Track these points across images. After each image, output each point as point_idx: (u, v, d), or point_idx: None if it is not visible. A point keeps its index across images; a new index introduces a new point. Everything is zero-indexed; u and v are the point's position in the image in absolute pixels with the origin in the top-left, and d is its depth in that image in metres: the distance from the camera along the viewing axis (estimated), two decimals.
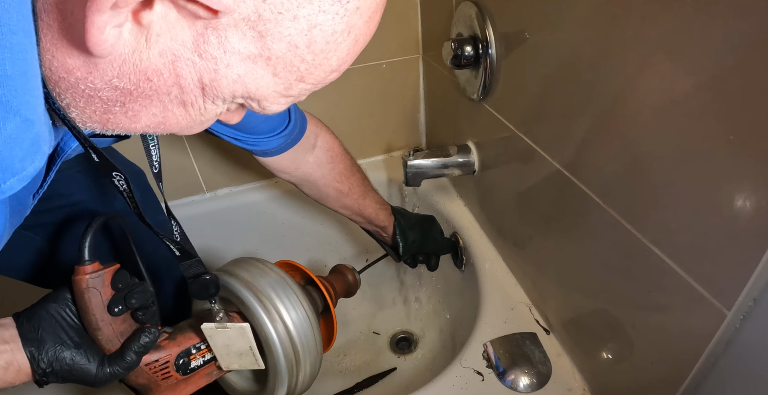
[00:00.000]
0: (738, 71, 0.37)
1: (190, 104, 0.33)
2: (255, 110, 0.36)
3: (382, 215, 0.88)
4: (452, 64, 0.78)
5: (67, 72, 0.29)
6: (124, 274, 0.51)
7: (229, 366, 0.60)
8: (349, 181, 0.82)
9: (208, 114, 0.35)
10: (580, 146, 0.58)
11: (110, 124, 0.33)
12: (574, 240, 0.65)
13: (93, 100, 0.31)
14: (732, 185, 0.39)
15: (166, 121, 0.34)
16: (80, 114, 0.32)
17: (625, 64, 0.48)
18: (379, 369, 1.08)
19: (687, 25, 0.40)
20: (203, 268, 0.53)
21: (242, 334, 0.58)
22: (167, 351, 0.56)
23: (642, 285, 0.53)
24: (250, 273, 0.64)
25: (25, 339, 0.46)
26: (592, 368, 0.69)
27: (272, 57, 0.31)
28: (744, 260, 0.39)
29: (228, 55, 0.30)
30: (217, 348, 0.58)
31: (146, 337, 0.50)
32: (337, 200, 0.83)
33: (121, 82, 0.30)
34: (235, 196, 1.15)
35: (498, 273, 0.89)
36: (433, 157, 0.92)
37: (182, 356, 0.57)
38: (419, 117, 1.19)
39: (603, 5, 0.49)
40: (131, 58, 0.29)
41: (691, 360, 0.48)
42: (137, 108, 0.32)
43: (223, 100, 0.33)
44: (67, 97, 0.31)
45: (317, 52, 0.31)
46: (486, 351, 0.75)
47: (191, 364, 0.58)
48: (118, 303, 0.49)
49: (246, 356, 0.59)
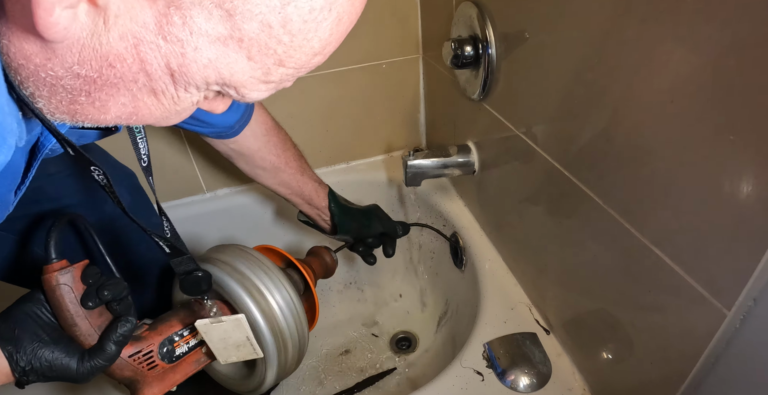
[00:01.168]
0: (738, 71, 0.37)
1: (161, 92, 0.30)
2: (234, 98, 0.33)
3: (321, 193, 0.85)
4: (452, 64, 0.78)
5: (25, 59, 0.27)
6: (93, 269, 0.50)
7: (227, 359, 0.60)
8: (285, 155, 0.79)
9: (182, 103, 0.32)
10: (580, 145, 0.58)
11: (78, 115, 0.31)
12: (574, 240, 0.65)
13: (56, 89, 0.29)
14: (732, 184, 0.39)
15: (137, 111, 0.31)
16: (46, 104, 0.30)
17: (625, 64, 0.48)
18: (379, 369, 1.08)
19: (687, 24, 0.40)
20: (195, 265, 0.52)
21: (238, 326, 0.58)
22: (149, 340, 0.55)
23: (642, 285, 0.53)
24: (231, 259, 0.65)
25: (2, 338, 0.45)
26: (592, 368, 0.69)
27: (244, 38, 0.28)
28: (744, 260, 0.39)
29: (195, 37, 0.27)
30: (213, 343, 0.58)
31: (123, 326, 0.49)
32: (275, 176, 0.80)
33: (82, 70, 0.28)
34: (235, 196, 1.15)
35: (498, 273, 0.89)
36: (433, 157, 0.92)
37: (165, 344, 0.57)
38: (419, 117, 1.19)
39: (603, 5, 0.49)
40: (90, 42, 0.26)
41: (691, 360, 0.48)
42: (104, 98, 0.30)
43: (196, 87, 0.30)
44: (29, 86, 0.29)
45: (295, 32, 0.28)
46: (486, 351, 0.75)
47: (176, 351, 0.58)
48: (91, 296, 0.48)
49: (243, 347, 0.60)
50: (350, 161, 1.22)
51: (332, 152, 1.18)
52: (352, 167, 1.21)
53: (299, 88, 1.04)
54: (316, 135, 1.13)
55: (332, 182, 1.18)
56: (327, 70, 1.03)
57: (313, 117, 1.10)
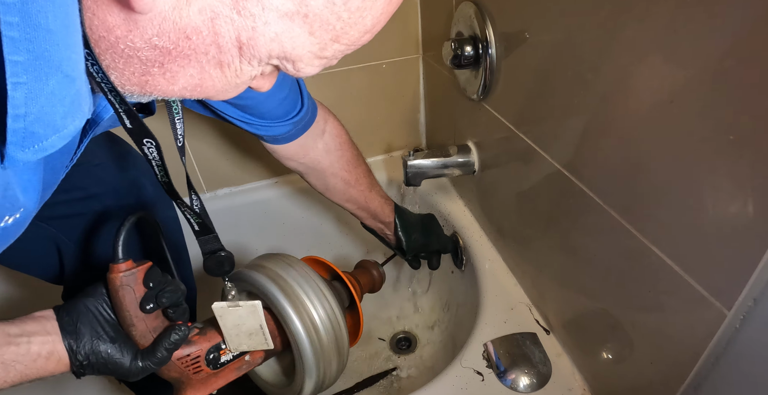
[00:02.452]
0: (738, 71, 0.37)
1: (227, 64, 0.32)
2: (289, 73, 0.35)
3: (387, 210, 0.87)
4: (452, 64, 0.78)
5: (107, 30, 0.29)
6: (155, 272, 0.52)
7: (238, 347, 0.61)
8: (356, 171, 0.81)
9: (243, 76, 0.34)
10: (580, 145, 0.58)
11: (148, 86, 0.33)
12: (574, 240, 0.65)
13: (132, 60, 0.31)
14: (732, 184, 0.39)
15: (203, 83, 0.34)
16: (119, 76, 0.32)
17: (625, 64, 0.48)
18: (379, 369, 1.08)
19: (687, 25, 0.40)
20: (220, 244, 0.54)
21: (253, 312, 0.58)
22: (198, 346, 0.57)
23: (642, 285, 0.53)
24: (277, 269, 0.65)
25: (65, 331, 0.48)
26: (592, 368, 0.69)
27: (309, 14, 0.30)
28: (744, 260, 0.39)
29: (266, 12, 0.29)
30: (226, 328, 0.59)
31: (176, 334, 0.52)
32: (344, 192, 0.82)
33: (160, 41, 0.29)
34: (235, 196, 1.15)
35: (498, 273, 0.89)
36: (433, 157, 0.92)
37: (212, 351, 0.58)
38: (419, 117, 1.19)
39: (603, 5, 0.49)
40: (171, 15, 0.28)
41: (691, 360, 0.48)
42: (175, 69, 0.32)
43: (259, 60, 0.33)
44: (106, 58, 0.31)
45: (353, 9, 0.31)
46: (486, 351, 0.75)
47: (221, 359, 0.59)
48: (150, 300, 0.50)
49: (255, 335, 0.60)
50: None
51: None
52: None
53: None
54: None
55: None
56: (327, 71, 1.03)
57: None
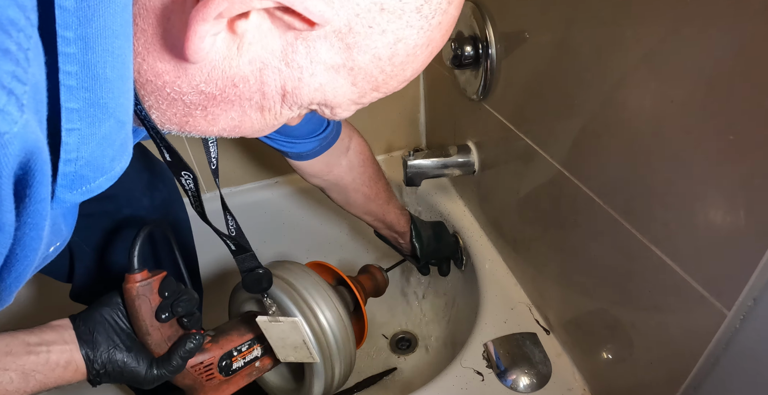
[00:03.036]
0: (738, 71, 0.37)
1: (268, 109, 0.33)
2: (325, 116, 0.36)
3: (402, 221, 0.89)
4: (452, 64, 0.78)
5: (155, 76, 0.30)
6: (170, 281, 0.53)
7: (285, 358, 0.62)
8: (377, 186, 0.82)
9: (281, 118, 0.35)
10: (580, 145, 0.58)
11: (188, 126, 0.34)
12: (574, 240, 0.65)
13: (176, 103, 0.31)
14: (732, 184, 0.39)
15: (242, 125, 0.34)
16: (160, 116, 0.33)
17: (625, 65, 0.48)
18: (379, 369, 1.08)
19: (687, 25, 0.40)
20: (257, 262, 0.55)
21: (294, 328, 0.60)
22: (211, 353, 0.59)
23: (642, 285, 0.53)
24: (285, 274, 0.67)
25: (82, 340, 0.49)
26: (592, 368, 0.69)
27: (355, 68, 0.31)
28: (744, 260, 0.39)
29: (314, 64, 0.30)
30: (272, 340, 0.61)
31: (191, 343, 0.53)
32: (364, 206, 0.83)
33: (207, 88, 0.30)
34: (235, 196, 1.15)
35: (498, 273, 0.89)
36: (433, 157, 0.92)
37: (225, 358, 0.60)
38: (419, 117, 1.19)
39: (603, 5, 0.49)
40: (221, 64, 0.29)
41: (691, 360, 0.48)
42: (218, 112, 0.32)
43: (299, 106, 0.33)
44: (150, 100, 0.31)
45: (397, 64, 0.32)
46: (486, 351, 0.75)
47: (233, 366, 0.61)
48: (165, 310, 0.52)
49: (301, 349, 0.62)
50: None
51: None
52: None
53: None
54: None
55: None
56: None
57: None
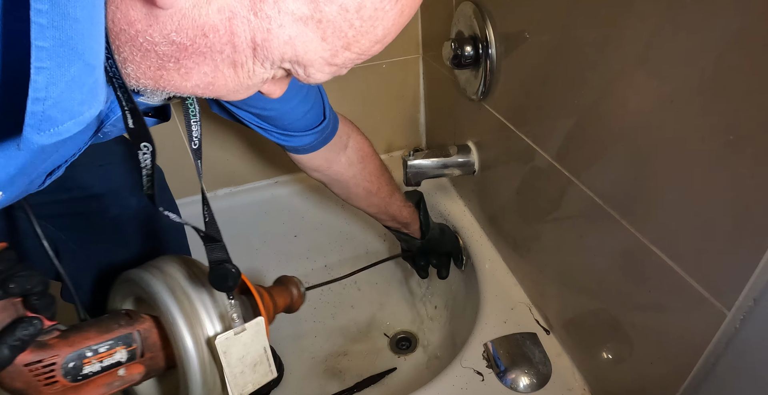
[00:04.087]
0: (738, 71, 0.37)
1: (240, 64, 0.33)
2: (300, 78, 0.36)
3: (405, 212, 0.89)
4: (452, 64, 0.78)
5: (128, 24, 0.30)
6: (9, 254, 0.43)
7: (243, 389, 0.52)
8: (379, 181, 0.83)
9: (255, 78, 0.35)
10: (580, 145, 0.58)
11: (162, 81, 0.34)
12: (574, 240, 0.65)
13: (149, 54, 0.32)
14: (732, 184, 0.39)
15: (215, 81, 0.34)
16: (135, 69, 0.33)
17: (625, 64, 0.48)
18: (379, 369, 1.08)
19: (687, 25, 0.40)
20: (226, 255, 0.49)
21: (258, 332, 0.52)
22: (55, 351, 0.46)
23: (642, 285, 0.53)
24: (177, 276, 0.57)
25: None
26: (592, 368, 0.69)
27: (323, 20, 0.31)
28: (744, 260, 0.39)
29: (282, 15, 0.30)
30: (231, 367, 0.50)
31: (24, 329, 0.41)
32: (366, 199, 0.84)
33: (178, 37, 0.31)
34: (235, 196, 1.15)
35: (498, 273, 0.89)
36: (433, 157, 0.92)
37: (73, 358, 0.47)
38: (419, 117, 1.19)
39: (603, 5, 0.49)
40: (191, 13, 0.30)
41: (691, 360, 0.48)
42: (190, 65, 0.33)
43: (271, 62, 0.34)
44: (125, 51, 0.32)
45: (365, 18, 0.32)
46: (486, 351, 0.75)
47: (84, 369, 0.48)
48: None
49: (260, 365, 0.53)
50: None
51: None
52: None
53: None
54: None
55: None
56: None
57: None
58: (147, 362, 0.54)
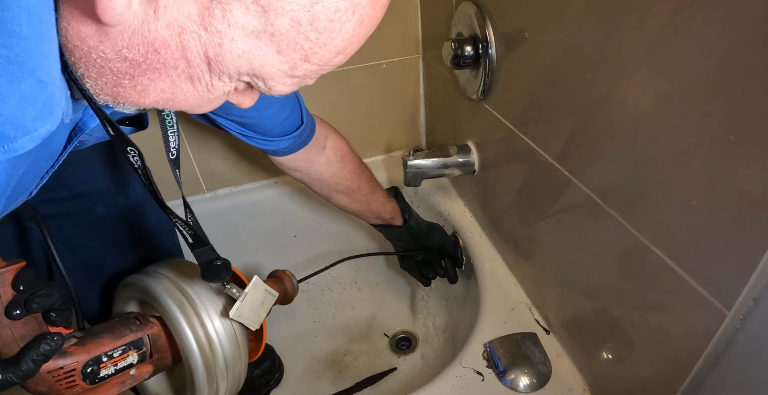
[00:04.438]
0: (738, 71, 0.37)
1: (197, 78, 0.33)
2: (261, 90, 0.36)
3: (389, 207, 0.90)
4: (452, 64, 0.78)
5: (80, 40, 0.30)
6: (28, 273, 0.46)
7: (260, 320, 0.60)
8: (358, 179, 0.84)
9: (215, 91, 0.35)
10: (580, 145, 0.58)
11: (120, 97, 0.33)
12: (574, 240, 0.65)
13: (104, 71, 0.31)
14: (732, 184, 0.39)
15: (174, 97, 0.34)
16: (93, 85, 0.33)
17: (625, 64, 0.48)
18: (379, 369, 1.08)
19: (687, 24, 0.40)
20: (215, 254, 0.52)
21: (257, 287, 0.58)
22: (74, 358, 0.51)
23: (642, 285, 0.53)
24: (174, 277, 0.60)
25: None
26: (592, 368, 0.69)
27: (275, 33, 0.31)
28: (744, 260, 0.39)
29: (232, 29, 0.30)
30: (248, 320, 0.57)
31: (47, 345, 0.45)
32: (347, 197, 0.85)
33: (130, 53, 0.30)
34: (235, 196, 1.15)
35: (498, 273, 0.89)
36: (433, 157, 0.92)
37: (91, 364, 0.52)
38: (419, 117, 1.19)
39: (602, 5, 0.49)
40: (140, 29, 0.29)
41: (691, 360, 0.48)
42: (146, 82, 0.32)
43: (229, 76, 0.33)
44: (81, 67, 0.32)
45: (321, 30, 0.31)
46: (486, 351, 0.75)
47: (101, 373, 0.52)
48: (18, 305, 0.45)
49: (266, 300, 0.60)
50: None
51: None
52: None
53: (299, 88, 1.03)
54: None
55: None
56: None
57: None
58: (155, 362, 0.59)
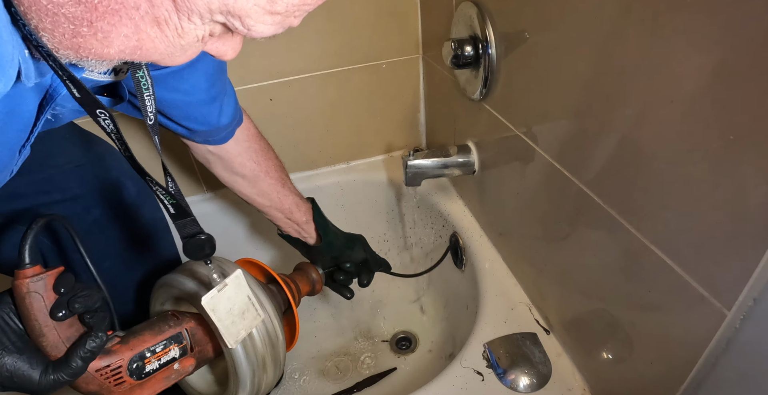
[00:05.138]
0: (738, 71, 0.37)
1: (164, 21, 0.29)
2: (240, 33, 0.32)
3: (303, 207, 0.82)
4: (452, 64, 0.78)
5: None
6: (68, 277, 0.47)
7: (237, 337, 0.57)
8: (267, 164, 0.77)
9: (187, 36, 0.31)
10: (580, 145, 0.58)
11: (82, 49, 0.30)
12: (574, 240, 0.65)
13: (58, 19, 0.28)
14: (732, 184, 0.39)
15: (141, 44, 0.30)
16: (50, 38, 0.29)
17: (625, 64, 0.48)
18: (379, 369, 1.08)
19: (687, 24, 0.40)
20: (198, 227, 0.49)
21: (239, 285, 0.55)
22: (119, 355, 0.53)
23: (642, 285, 0.53)
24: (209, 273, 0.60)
25: None
26: (592, 368, 0.69)
27: None
28: (744, 260, 0.39)
29: None
30: (222, 321, 0.55)
31: (93, 342, 0.47)
32: (254, 184, 0.77)
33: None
34: (235, 196, 1.14)
35: (498, 273, 0.89)
36: (433, 157, 0.92)
37: (135, 360, 0.54)
38: (419, 117, 1.19)
39: (603, 5, 0.49)
40: None
41: (691, 360, 0.48)
42: (106, 28, 0.28)
43: (200, 16, 0.29)
44: (33, 18, 0.28)
45: None
46: (486, 351, 0.75)
47: (146, 368, 0.55)
48: (62, 307, 0.46)
49: (248, 312, 0.57)
50: (350, 160, 1.22)
51: (332, 151, 1.18)
52: (353, 166, 1.21)
53: (300, 88, 1.04)
54: (316, 135, 1.13)
55: (332, 182, 1.19)
56: (327, 70, 1.03)
57: (314, 117, 1.10)
58: (197, 355, 0.61)
